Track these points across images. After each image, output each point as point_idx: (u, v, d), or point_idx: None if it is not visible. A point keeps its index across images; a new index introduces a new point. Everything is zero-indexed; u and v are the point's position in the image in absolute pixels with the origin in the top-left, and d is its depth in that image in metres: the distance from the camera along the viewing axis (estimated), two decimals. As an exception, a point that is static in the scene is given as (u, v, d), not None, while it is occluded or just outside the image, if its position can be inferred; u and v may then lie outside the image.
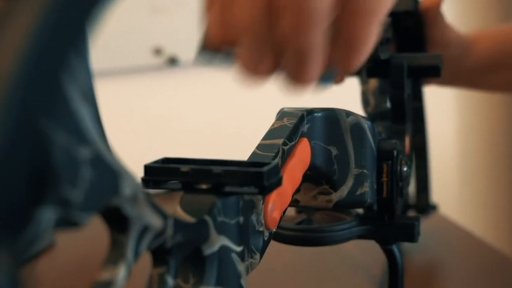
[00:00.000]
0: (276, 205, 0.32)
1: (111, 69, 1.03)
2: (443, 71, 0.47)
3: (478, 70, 0.65)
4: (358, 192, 0.38)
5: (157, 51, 1.05)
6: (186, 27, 1.02)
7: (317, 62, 0.25)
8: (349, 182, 0.38)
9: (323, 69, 0.26)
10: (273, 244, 0.34)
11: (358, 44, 0.25)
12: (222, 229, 0.28)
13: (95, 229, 0.36)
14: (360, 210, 0.42)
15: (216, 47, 0.27)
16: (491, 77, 0.66)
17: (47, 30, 0.15)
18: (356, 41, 0.25)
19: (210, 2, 0.26)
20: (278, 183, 0.28)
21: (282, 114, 0.35)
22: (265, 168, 0.27)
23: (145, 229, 0.22)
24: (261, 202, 0.31)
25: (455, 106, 1.27)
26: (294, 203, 0.39)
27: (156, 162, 0.29)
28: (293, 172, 0.33)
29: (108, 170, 0.19)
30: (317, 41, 0.24)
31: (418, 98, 0.61)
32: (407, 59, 0.46)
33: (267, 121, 0.37)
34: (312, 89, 0.27)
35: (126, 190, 0.21)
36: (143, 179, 0.28)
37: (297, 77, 0.26)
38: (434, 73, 0.46)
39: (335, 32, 0.25)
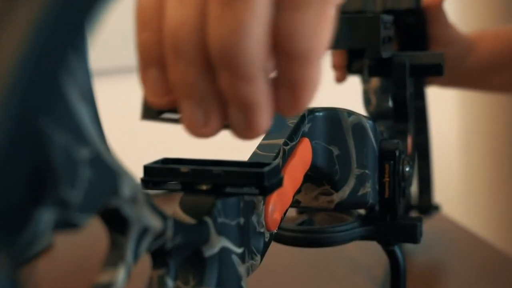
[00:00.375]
0: (277, 206, 0.32)
1: (111, 68, 1.03)
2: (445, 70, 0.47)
3: (480, 71, 0.65)
4: (360, 193, 0.38)
5: (156, 50, 1.05)
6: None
7: (264, 113, 0.24)
8: (351, 183, 0.38)
9: (272, 117, 0.25)
10: (274, 245, 0.34)
11: (300, 88, 0.24)
12: (222, 230, 0.28)
13: (94, 230, 0.37)
14: (362, 211, 0.42)
15: (158, 108, 0.26)
16: (493, 77, 0.66)
17: (47, 29, 0.15)
18: (297, 85, 0.24)
19: (143, 70, 0.25)
20: (279, 183, 0.28)
21: None
22: (266, 169, 0.27)
23: (144, 231, 0.22)
24: (262, 203, 0.31)
25: (458, 105, 1.27)
26: (295, 204, 0.39)
27: (155, 162, 0.29)
28: (294, 172, 0.33)
29: (107, 171, 0.19)
30: (260, 92, 0.23)
31: (420, 97, 0.61)
32: (409, 57, 0.46)
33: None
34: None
35: (126, 190, 0.21)
36: (143, 180, 0.28)
37: (246, 131, 0.24)
38: (436, 72, 0.46)
39: (276, 76, 0.24)
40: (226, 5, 0.22)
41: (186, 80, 0.24)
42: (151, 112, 0.27)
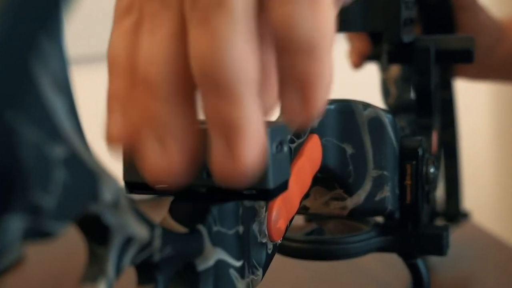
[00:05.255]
0: (281, 213, 0.32)
1: (91, 55, 1.03)
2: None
3: None
4: (377, 198, 0.38)
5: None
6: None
7: (252, 144, 0.24)
8: (367, 186, 0.38)
9: (264, 142, 0.24)
10: (278, 258, 0.34)
11: (311, 85, 0.24)
12: (218, 241, 0.28)
13: (71, 241, 0.37)
14: (379, 219, 0.42)
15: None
16: None
17: (15, 9, 0.15)
18: (307, 82, 0.24)
19: (108, 116, 0.26)
20: (284, 187, 0.28)
21: None
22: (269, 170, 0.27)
23: (128, 241, 0.22)
24: (264, 209, 0.31)
25: (491, 96, 1.27)
26: (302, 210, 0.39)
27: None
28: (302, 174, 0.33)
29: (85, 172, 0.19)
30: (247, 115, 0.23)
31: (447, 87, 0.61)
32: (434, 42, 0.46)
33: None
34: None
35: (107, 195, 0.21)
36: (127, 183, 0.28)
37: (231, 163, 0.24)
38: (465, 58, 0.46)
39: (280, 80, 0.24)
40: (204, 24, 0.23)
41: (150, 112, 0.24)
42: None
